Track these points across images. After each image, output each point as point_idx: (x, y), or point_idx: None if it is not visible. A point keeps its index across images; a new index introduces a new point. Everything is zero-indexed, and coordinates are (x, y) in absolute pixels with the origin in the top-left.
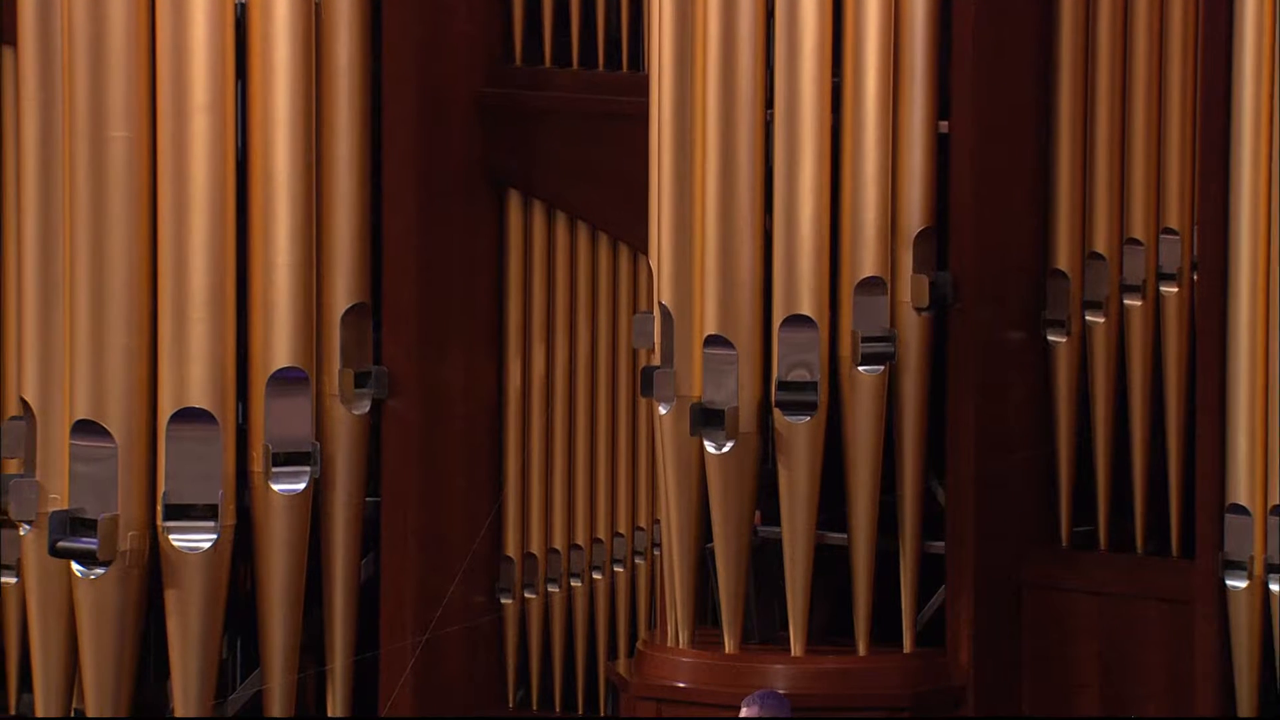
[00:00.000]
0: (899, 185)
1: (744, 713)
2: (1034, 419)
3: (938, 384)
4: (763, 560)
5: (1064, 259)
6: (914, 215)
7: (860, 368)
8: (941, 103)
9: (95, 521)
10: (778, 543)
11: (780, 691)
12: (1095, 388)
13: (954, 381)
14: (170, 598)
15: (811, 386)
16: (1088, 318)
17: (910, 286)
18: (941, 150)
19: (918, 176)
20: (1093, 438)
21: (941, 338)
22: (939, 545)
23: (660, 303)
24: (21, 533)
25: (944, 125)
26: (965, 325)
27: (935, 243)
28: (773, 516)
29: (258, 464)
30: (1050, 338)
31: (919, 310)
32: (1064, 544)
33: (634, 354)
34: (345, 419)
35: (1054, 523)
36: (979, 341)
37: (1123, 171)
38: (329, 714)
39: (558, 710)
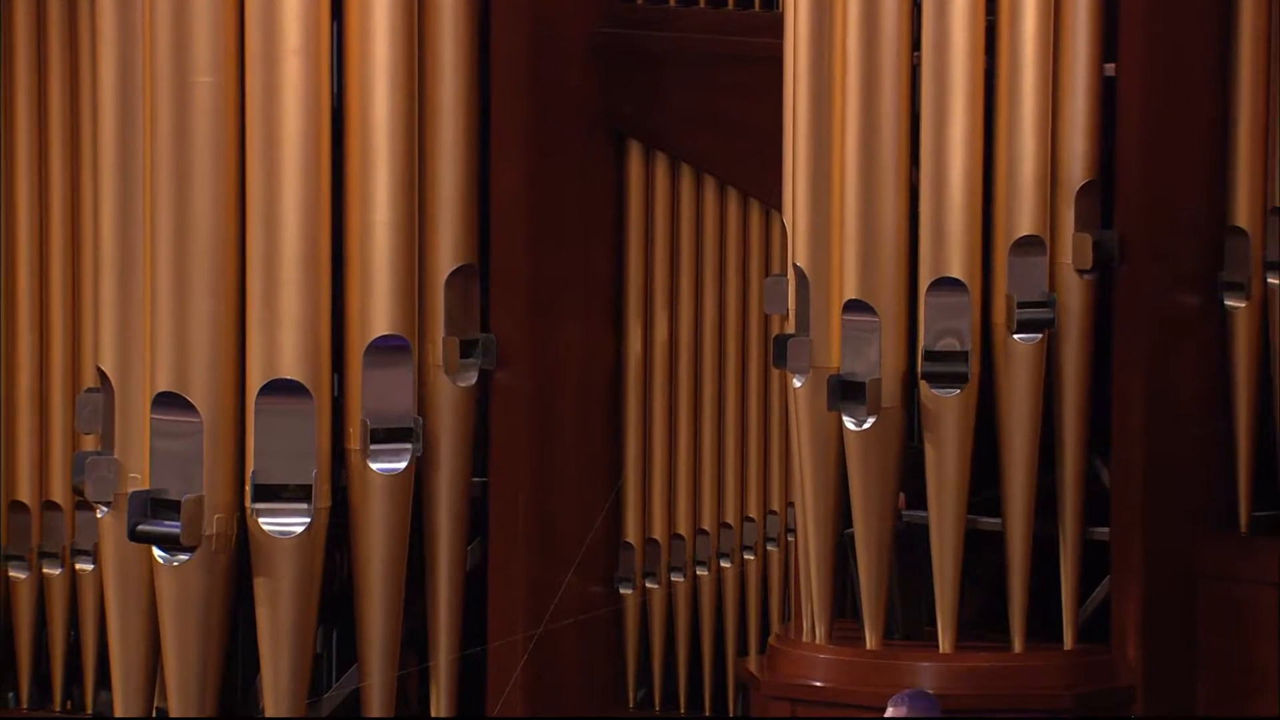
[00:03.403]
0: (1060, 134)
1: (890, 713)
2: (1209, 391)
3: (1102, 353)
4: (907, 547)
5: (1243, 215)
6: (1076, 167)
7: (1016, 336)
8: (1107, 43)
9: (178, 503)
10: (924, 528)
11: (929, 691)
12: (1277, 356)
13: (1120, 350)
14: (260, 586)
15: (961, 356)
16: (1269, 280)
17: (1072, 246)
18: (1107, 96)
19: (1080, 125)
20: (1274, 412)
21: (1106, 302)
22: (1103, 531)
23: (795, 264)
24: (99, 515)
25: (1110, 68)
26: (1133, 288)
27: (1100, 197)
28: (918, 499)
29: (355, 441)
30: (1227, 302)
31: (1081, 272)
32: (1242, 530)
33: (766, 321)
34: (450, 391)
35: (1231, 506)
36: (1148, 306)
37: None
38: (432, 715)
39: (682, 711)
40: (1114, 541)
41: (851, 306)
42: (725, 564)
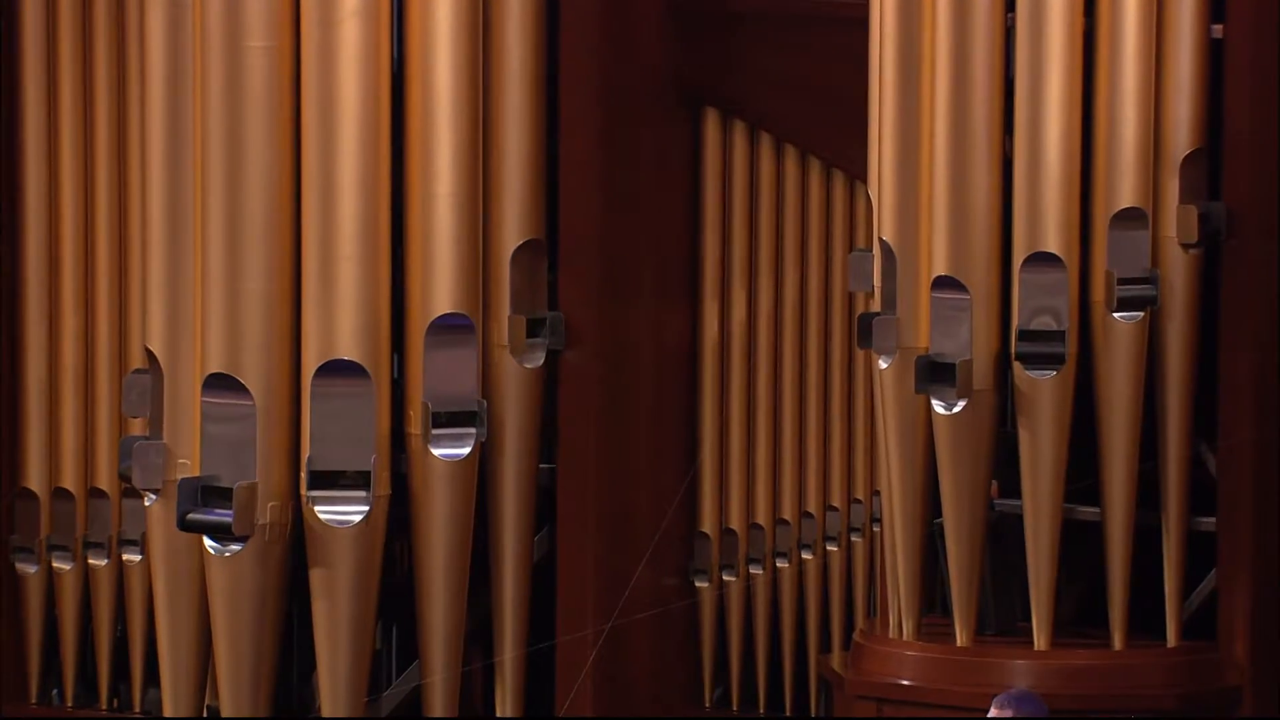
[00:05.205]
0: (1163, 100)
1: (993, 713)
2: None
3: (1208, 333)
4: (1001, 538)
5: None
6: (1181, 135)
7: (1116, 314)
8: (1215, 2)
9: (230, 491)
10: (1018, 518)
11: (1036, 694)
12: None
13: (1227, 329)
14: (316, 578)
15: (1058, 336)
16: None
17: (1176, 219)
18: (1214, 59)
19: (1186, 89)
20: None
21: (1213, 278)
22: (1209, 521)
23: (881, 239)
24: (146, 503)
25: (1218, 29)
26: (1241, 263)
27: (1206, 167)
28: (1012, 487)
29: (416, 425)
30: None
31: (1186, 246)
32: None
33: (850, 298)
34: (516, 373)
35: None
36: (1257, 283)
37: None
38: (498, 714)
39: (761, 710)
40: (1221, 532)
41: (941, 283)
42: (807, 555)
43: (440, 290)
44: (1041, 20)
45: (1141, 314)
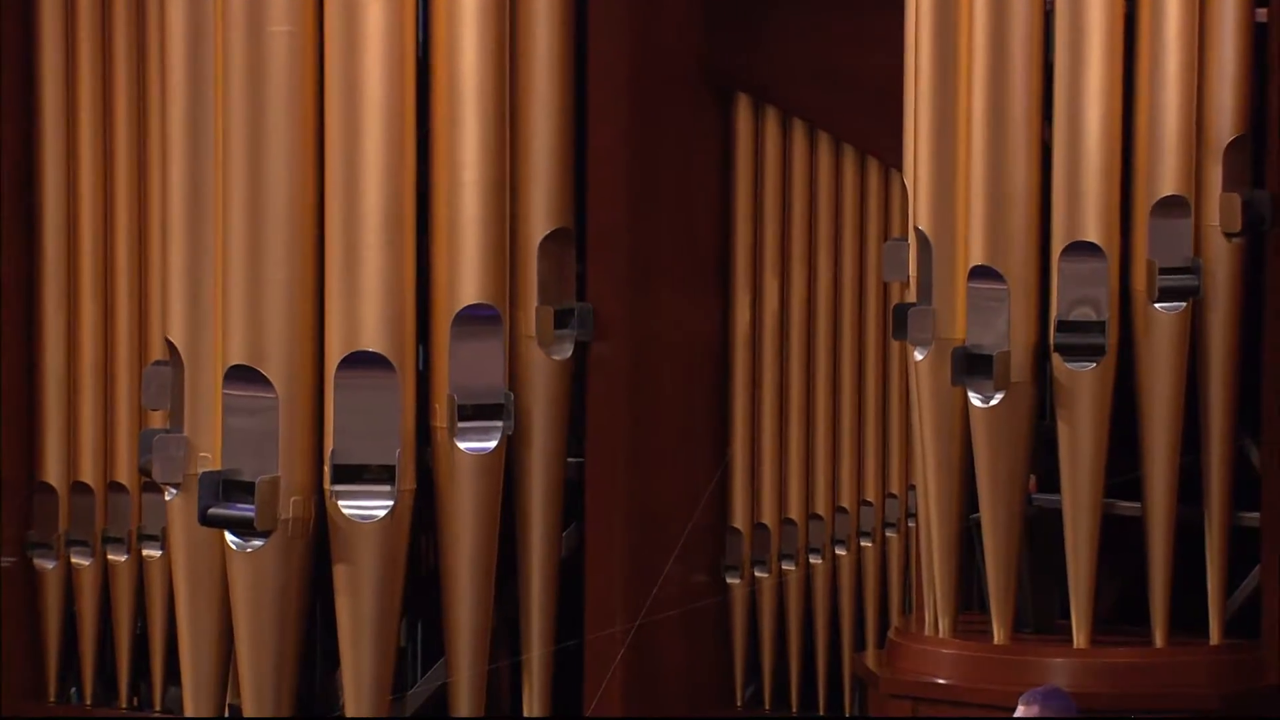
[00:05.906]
0: (1206, 85)
1: (1020, 712)
2: None
3: (1251, 323)
4: (1039, 534)
5: None
6: (1224, 121)
7: (1157, 304)
8: None
9: (252, 485)
10: (1057, 513)
11: (1063, 689)
12: None
13: (1271, 320)
14: (339, 575)
15: (1098, 327)
16: None
17: (1219, 207)
18: (1258, 43)
19: (1229, 75)
20: None
21: (1257, 268)
22: (1253, 516)
23: (916, 228)
24: (167, 498)
25: (1262, 13)
26: None
27: (1250, 154)
28: (1051, 482)
29: (441, 418)
30: None
31: (1229, 235)
32: None
33: (885, 289)
34: (543, 365)
35: None
36: None
37: None
38: (525, 713)
39: (794, 710)
40: (1264, 527)
41: (978, 273)
42: (841, 551)
43: (466, 280)
44: (1081, 4)
45: (1183, 304)
